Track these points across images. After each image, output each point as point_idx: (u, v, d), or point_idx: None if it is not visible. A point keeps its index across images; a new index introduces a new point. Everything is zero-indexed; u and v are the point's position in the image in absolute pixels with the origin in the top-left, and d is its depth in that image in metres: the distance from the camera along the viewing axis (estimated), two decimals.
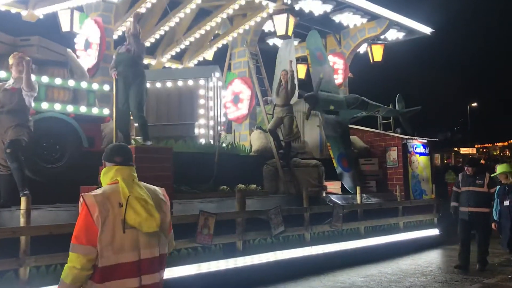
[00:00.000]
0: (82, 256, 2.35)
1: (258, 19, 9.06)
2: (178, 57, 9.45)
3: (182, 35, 8.62)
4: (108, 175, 2.52)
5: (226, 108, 9.29)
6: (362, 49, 12.00)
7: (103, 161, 2.60)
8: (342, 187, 8.96)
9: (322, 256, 7.40)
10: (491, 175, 7.18)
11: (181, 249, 5.73)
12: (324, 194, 8.19)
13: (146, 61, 8.59)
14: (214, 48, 9.24)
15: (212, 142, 7.57)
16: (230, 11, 8.97)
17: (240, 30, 8.91)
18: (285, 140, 8.21)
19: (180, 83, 7.79)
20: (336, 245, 7.75)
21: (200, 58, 10.34)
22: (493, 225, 6.81)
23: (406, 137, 10.22)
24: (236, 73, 9.35)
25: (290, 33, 8.15)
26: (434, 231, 10.13)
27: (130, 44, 5.74)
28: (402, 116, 11.04)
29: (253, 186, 7.64)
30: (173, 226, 2.66)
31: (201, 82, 7.92)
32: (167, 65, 9.37)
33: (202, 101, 7.83)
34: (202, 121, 7.82)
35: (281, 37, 8.40)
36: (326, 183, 8.76)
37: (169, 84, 7.83)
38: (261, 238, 6.66)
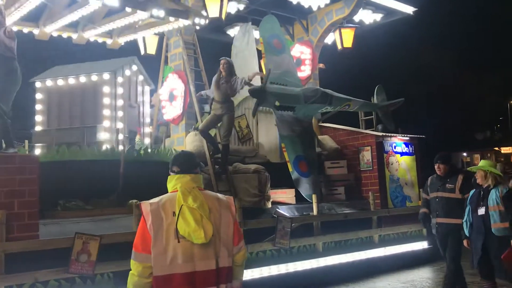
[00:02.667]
0: (138, 263, 2.48)
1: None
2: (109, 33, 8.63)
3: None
4: (171, 184, 2.62)
5: (163, 108, 8.33)
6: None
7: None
8: (298, 195, 7.81)
9: (259, 281, 6.30)
10: (465, 177, 5.90)
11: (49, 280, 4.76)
12: (269, 205, 7.07)
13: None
14: (151, 32, 8.29)
15: (121, 148, 6.59)
16: None
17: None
18: (223, 143, 7.16)
19: (83, 79, 6.87)
20: (281, 267, 6.65)
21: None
22: (465, 242, 5.52)
23: (381, 134, 8.99)
24: (172, 66, 8.40)
25: (220, 14, 7.15)
26: (422, 245, 8.87)
27: None
28: (381, 110, 9.82)
29: None
30: (38, 252, 2.46)
31: (106, 77, 6.98)
32: (94, 39, 8.55)
33: (107, 100, 6.88)
34: (106, 123, 6.87)
35: (213, 20, 7.39)
36: (276, 191, 7.65)
37: (71, 80, 6.92)
38: None
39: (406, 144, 9.43)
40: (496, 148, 32.27)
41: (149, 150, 6.95)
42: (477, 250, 5.25)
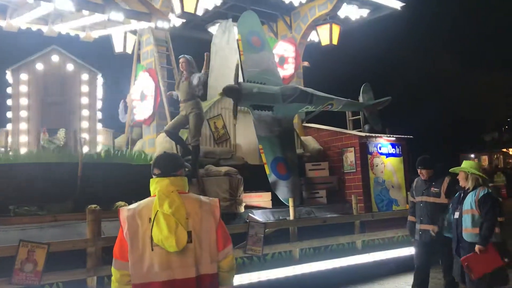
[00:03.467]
0: (116, 270, 2.48)
1: None
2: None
3: None
4: (152, 187, 2.54)
5: (134, 108, 8.05)
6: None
7: None
8: (276, 199, 7.51)
9: None
10: (452, 180, 5.60)
11: None
12: (242, 209, 6.78)
13: None
14: (121, 29, 8.01)
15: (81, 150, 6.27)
16: None
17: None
18: (192, 144, 6.87)
19: None
20: (253, 275, 6.34)
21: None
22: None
23: (365, 134, 8.69)
24: (145, 64, 8.13)
25: (194, 10, 6.87)
26: (410, 250, 8.51)
27: None
28: (367, 109, 9.52)
29: None
30: None
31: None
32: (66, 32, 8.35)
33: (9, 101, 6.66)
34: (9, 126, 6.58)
35: (189, 15, 7.12)
36: (251, 195, 7.36)
37: None
38: None
39: (393, 145, 9.12)
40: (504, 150, 31.73)
41: (118, 153, 6.64)
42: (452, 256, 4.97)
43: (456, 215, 4.93)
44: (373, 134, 8.79)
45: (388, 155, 8.99)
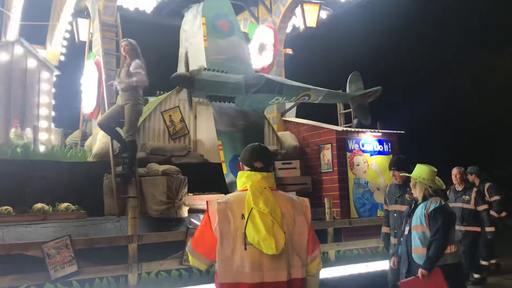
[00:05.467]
0: (191, 257, 2.50)
1: None
2: None
3: None
4: (240, 181, 2.49)
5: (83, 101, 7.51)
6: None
7: (240, 163, 2.58)
8: None
9: None
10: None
11: None
12: (184, 214, 6.08)
13: None
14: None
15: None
16: None
17: None
18: (127, 139, 6.22)
19: None
20: None
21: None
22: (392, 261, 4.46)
23: (343, 129, 7.79)
24: (95, 52, 7.54)
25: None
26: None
27: None
28: (353, 101, 8.59)
29: (64, 205, 5.73)
30: None
31: None
32: None
33: None
34: None
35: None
36: (201, 197, 6.63)
37: None
38: (31, 285, 4.75)
39: (381, 142, 8.16)
40: None
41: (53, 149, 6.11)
42: (402, 277, 4.10)
43: (406, 230, 4.06)
44: (354, 129, 7.86)
45: (374, 153, 8.05)
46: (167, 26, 10.13)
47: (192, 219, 6.15)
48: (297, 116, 11.59)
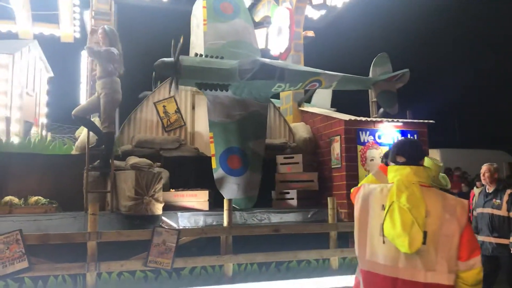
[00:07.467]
0: None
1: None
2: None
3: None
4: (390, 176, 2.48)
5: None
6: None
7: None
8: (216, 200, 6.33)
9: None
10: None
11: None
12: (157, 211, 5.77)
13: None
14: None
15: None
16: None
17: None
18: (103, 131, 6.04)
19: None
20: None
21: None
22: None
23: (353, 119, 6.94)
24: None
25: None
26: None
27: None
28: (377, 86, 7.69)
29: (34, 198, 5.71)
30: None
31: (3, 59, 6.37)
32: None
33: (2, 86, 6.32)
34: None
35: None
36: (183, 193, 6.29)
37: None
38: None
39: (404, 133, 7.18)
40: None
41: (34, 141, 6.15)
42: None
43: None
44: (366, 119, 6.98)
45: None
46: (183, 13, 9.90)
47: (163, 218, 5.82)
48: (332, 106, 10.79)
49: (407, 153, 2.45)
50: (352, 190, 2.64)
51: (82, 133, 6.63)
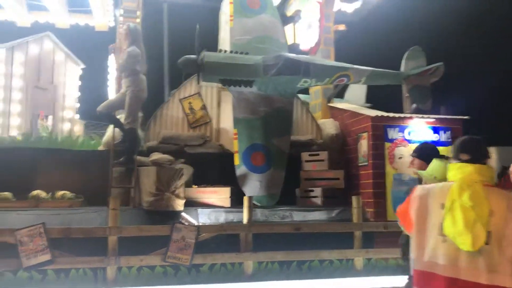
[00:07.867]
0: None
1: None
2: None
3: None
4: (451, 173, 2.45)
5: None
6: None
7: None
8: (238, 197, 6.31)
9: None
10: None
11: None
12: (178, 207, 5.83)
13: None
14: None
15: None
16: None
17: None
18: (126, 127, 6.16)
19: None
20: None
21: None
22: None
23: (381, 114, 6.70)
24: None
25: None
26: None
27: None
28: (408, 81, 7.40)
29: (60, 193, 5.91)
30: None
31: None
32: None
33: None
34: None
35: None
36: (205, 190, 6.32)
37: None
38: (5, 271, 4.99)
39: (436, 130, 6.87)
40: None
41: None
42: None
43: None
44: (394, 115, 6.73)
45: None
46: (209, 8, 9.90)
47: (183, 214, 5.86)
48: (367, 102, 10.51)
49: (471, 150, 2.41)
50: (397, 209, 2.63)
51: (108, 129, 6.80)
